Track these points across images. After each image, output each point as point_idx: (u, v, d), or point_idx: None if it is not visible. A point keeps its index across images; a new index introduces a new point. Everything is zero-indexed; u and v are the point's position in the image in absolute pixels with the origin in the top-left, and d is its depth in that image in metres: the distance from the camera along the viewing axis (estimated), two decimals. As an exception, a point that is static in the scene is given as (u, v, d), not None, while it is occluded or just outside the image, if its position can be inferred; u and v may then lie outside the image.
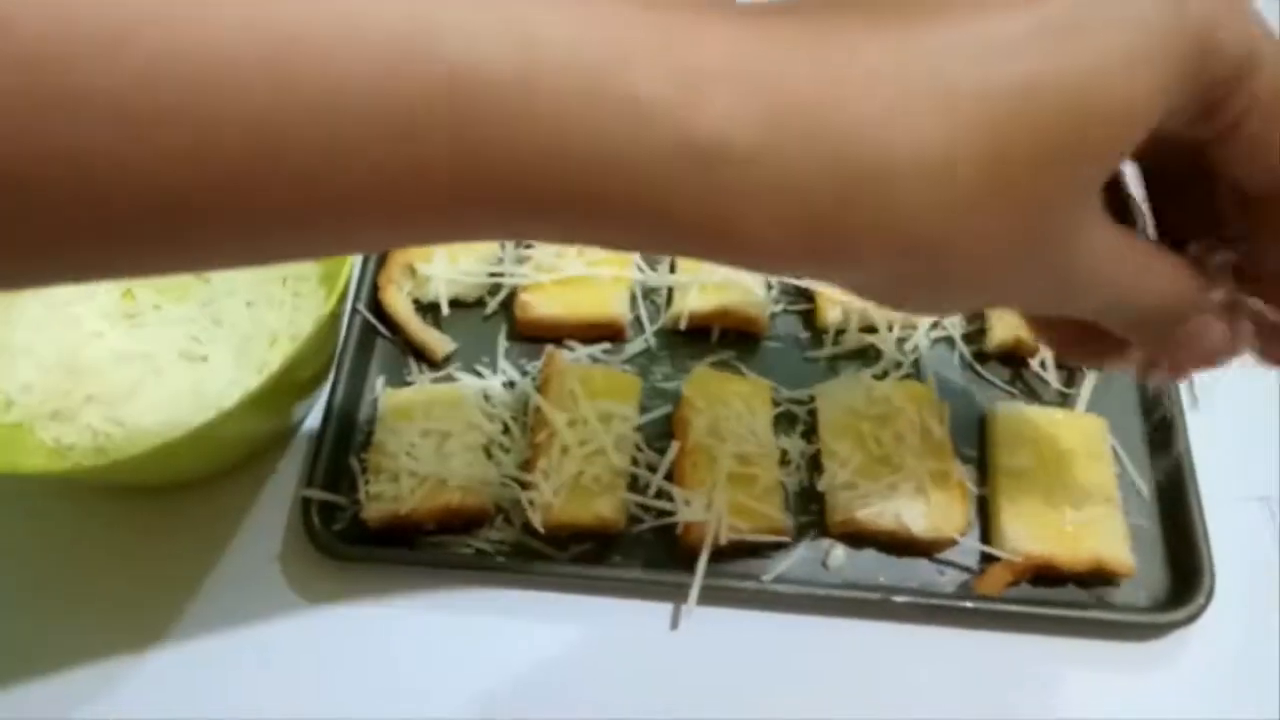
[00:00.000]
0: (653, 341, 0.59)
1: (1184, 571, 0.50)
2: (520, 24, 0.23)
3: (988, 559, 0.51)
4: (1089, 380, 0.56)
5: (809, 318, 0.59)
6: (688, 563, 0.50)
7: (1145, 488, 0.54)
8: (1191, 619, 0.49)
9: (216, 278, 0.59)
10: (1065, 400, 0.56)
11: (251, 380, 0.55)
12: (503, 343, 0.59)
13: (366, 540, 0.52)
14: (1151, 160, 0.33)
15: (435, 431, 0.53)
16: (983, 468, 0.54)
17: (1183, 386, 0.56)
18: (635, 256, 0.59)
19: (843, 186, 0.25)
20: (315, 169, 0.23)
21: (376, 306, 0.58)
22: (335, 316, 0.51)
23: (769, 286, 0.59)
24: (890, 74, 0.24)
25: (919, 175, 0.25)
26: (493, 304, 0.60)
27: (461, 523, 0.52)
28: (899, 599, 0.49)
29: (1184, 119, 0.27)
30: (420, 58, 0.22)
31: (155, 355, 0.55)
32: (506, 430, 0.55)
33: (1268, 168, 0.29)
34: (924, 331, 0.58)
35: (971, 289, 0.29)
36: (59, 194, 0.22)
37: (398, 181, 0.23)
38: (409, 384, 0.57)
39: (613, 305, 0.58)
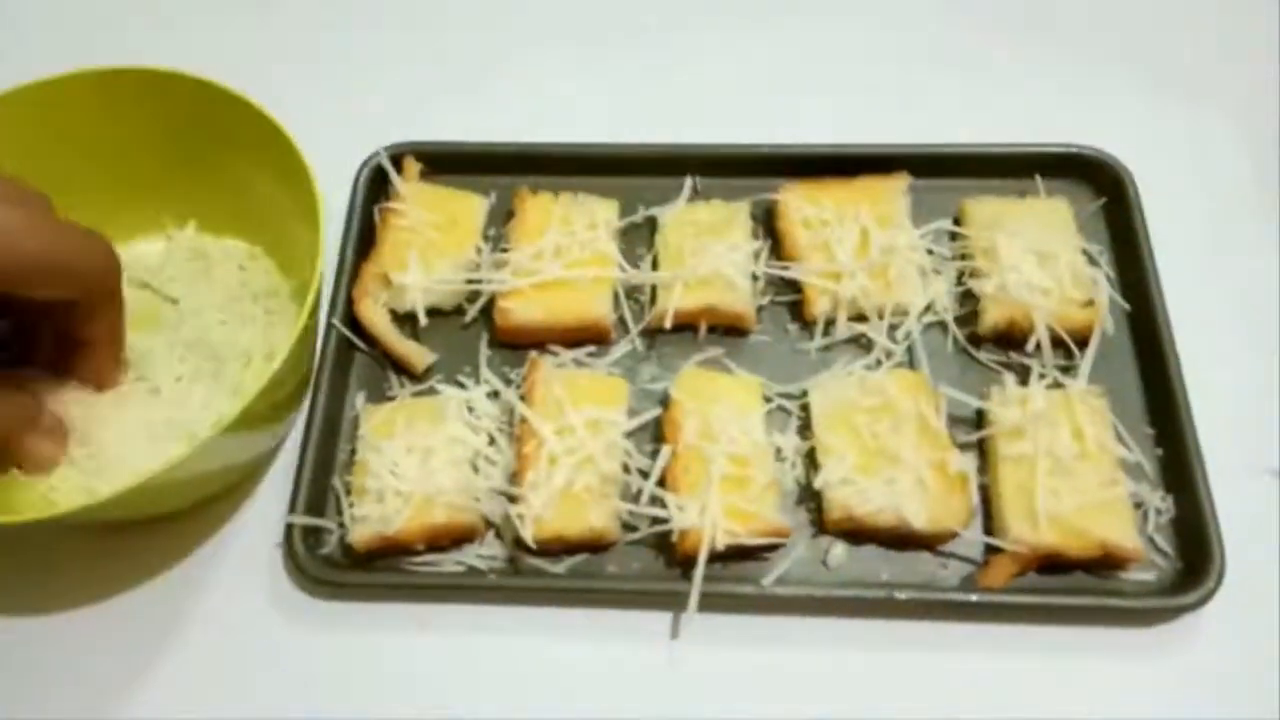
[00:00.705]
0: (638, 342, 0.57)
1: (1194, 552, 0.49)
2: None
3: (992, 550, 0.49)
4: (1087, 358, 0.54)
5: (797, 309, 0.58)
6: (685, 570, 0.49)
7: (1150, 466, 0.52)
8: (1202, 602, 0.47)
9: (186, 299, 0.57)
10: (1063, 380, 0.54)
11: (227, 404, 0.53)
12: (484, 351, 0.57)
13: (354, 563, 0.51)
14: None
15: (419, 447, 0.51)
16: (983, 455, 0.53)
17: None
18: (616, 255, 0.58)
19: None
20: None
21: (353, 320, 0.57)
22: (309, 331, 0.49)
23: (754, 279, 0.58)
24: None
25: None
26: (472, 311, 0.58)
27: (450, 540, 0.51)
28: (902, 595, 0.48)
29: None
30: None
31: (130, 386, 0.54)
32: (492, 442, 0.53)
33: None
34: (915, 317, 0.56)
35: None
36: None
37: None
38: (390, 399, 0.55)
39: (595, 307, 0.56)
